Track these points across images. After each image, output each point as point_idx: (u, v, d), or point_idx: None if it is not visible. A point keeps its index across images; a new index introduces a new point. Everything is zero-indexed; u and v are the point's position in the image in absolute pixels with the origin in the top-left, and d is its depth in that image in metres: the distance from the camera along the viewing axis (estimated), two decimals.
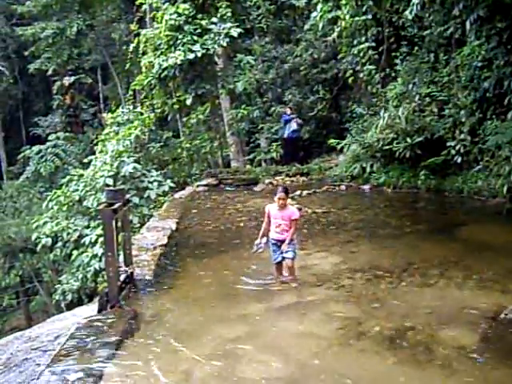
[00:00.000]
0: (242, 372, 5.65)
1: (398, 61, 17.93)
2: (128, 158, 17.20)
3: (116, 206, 7.61)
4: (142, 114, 20.21)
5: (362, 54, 18.46)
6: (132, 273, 8.45)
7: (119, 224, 8.08)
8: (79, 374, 5.45)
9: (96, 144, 20.67)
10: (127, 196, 8.88)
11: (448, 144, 14.90)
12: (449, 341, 6.13)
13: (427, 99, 16.17)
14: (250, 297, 7.99)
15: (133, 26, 22.44)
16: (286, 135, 21.32)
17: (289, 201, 8.82)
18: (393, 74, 18.29)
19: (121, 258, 8.29)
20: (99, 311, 7.34)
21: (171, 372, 5.66)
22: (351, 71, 19.39)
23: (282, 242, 8.26)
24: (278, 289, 8.22)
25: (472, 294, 7.68)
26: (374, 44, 18.70)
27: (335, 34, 19.00)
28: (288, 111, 21.42)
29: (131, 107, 20.98)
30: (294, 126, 21.19)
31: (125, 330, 6.65)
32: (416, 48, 17.57)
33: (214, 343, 6.32)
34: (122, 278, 7.94)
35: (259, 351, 6.13)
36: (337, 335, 6.49)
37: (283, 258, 8.35)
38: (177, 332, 6.71)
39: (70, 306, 16.36)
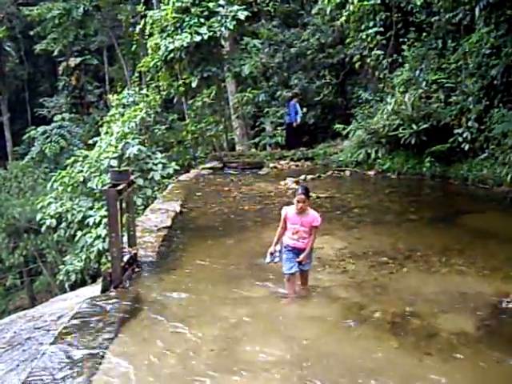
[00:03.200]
0: (242, 354, 5.68)
1: (405, 47, 17.84)
2: (133, 139, 17.22)
3: (121, 186, 7.63)
4: (147, 96, 20.18)
5: (369, 39, 18.40)
6: (136, 254, 8.48)
7: (123, 205, 8.11)
8: (83, 352, 5.49)
9: (101, 125, 20.67)
10: (132, 177, 8.87)
11: (455, 131, 14.86)
12: (450, 327, 6.15)
13: (434, 86, 16.11)
14: (254, 280, 7.96)
15: (139, 8, 22.34)
16: (290, 120, 21.35)
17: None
18: (400, 60, 18.22)
19: (124, 239, 8.33)
20: (103, 291, 7.36)
21: (172, 352, 5.68)
22: (358, 56, 19.30)
23: (299, 249, 7.08)
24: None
25: (474, 281, 7.69)
26: (382, 29, 18.61)
27: (343, 19, 18.90)
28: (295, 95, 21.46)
29: (137, 89, 20.95)
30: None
31: (128, 310, 6.69)
32: (424, 34, 17.49)
33: (215, 325, 6.34)
34: (125, 258, 7.96)
35: (261, 334, 6.16)
36: (339, 319, 6.52)
37: (300, 270, 7.21)
38: (179, 313, 6.74)
39: (74, 286, 16.45)
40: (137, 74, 22.55)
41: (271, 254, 7.20)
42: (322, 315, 6.64)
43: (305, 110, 22.34)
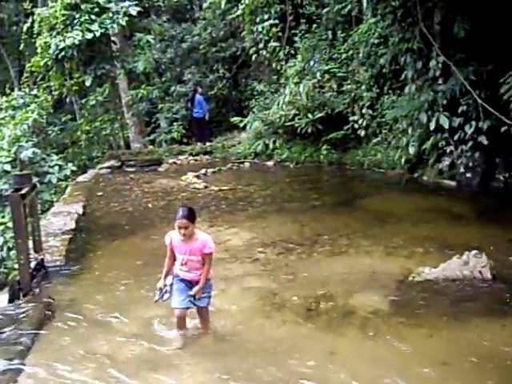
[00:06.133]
0: (164, 351, 5.68)
1: (297, 38, 18.24)
2: (26, 142, 16.59)
3: (24, 190, 7.40)
4: (37, 96, 19.53)
5: (265, 32, 18.65)
6: (43, 259, 8.27)
7: (27, 210, 7.87)
8: None
9: None
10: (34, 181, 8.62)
11: (351, 119, 15.39)
12: (364, 306, 6.42)
13: (327, 76, 16.61)
14: None
15: (26, 5, 21.54)
16: (200, 114, 21.15)
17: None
18: (293, 52, 18.60)
19: (30, 245, 8.09)
20: (11, 301, 7.13)
21: (94, 356, 5.62)
22: (254, 49, 19.51)
23: (192, 281, 5.84)
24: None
25: (380, 260, 8.04)
26: (277, 21, 18.91)
27: (239, 12, 19.07)
28: (199, 89, 21.30)
29: (27, 90, 20.22)
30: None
31: (41, 317, 6.51)
32: (314, 26, 17.95)
33: (134, 324, 6.31)
34: (32, 265, 7.75)
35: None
36: (256, 308, 6.65)
37: (194, 305, 5.92)
38: (95, 316, 6.64)
39: None
40: (26, 75, 21.72)
41: (160, 289, 5.92)
42: (240, 305, 6.73)
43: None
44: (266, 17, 18.62)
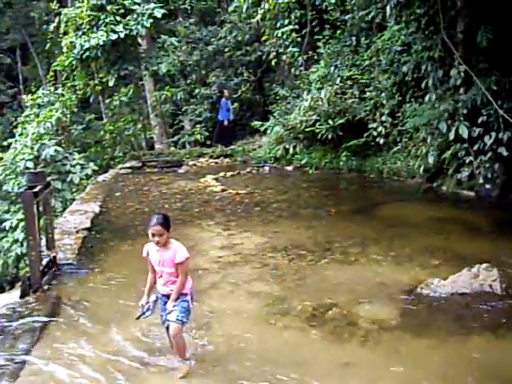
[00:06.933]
0: (167, 353, 5.70)
1: (320, 44, 18.24)
2: (49, 140, 16.78)
3: (37, 188, 7.48)
4: (63, 95, 19.76)
5: (285, 37, 18.70)
6: (55, 257, 8.34)
7: (40, 208, 7.96)
8: (1, 360, 5.38)
9: (16, 127, 20.11)
10: (48, 179, 8.70)
11: (370, 126, 15.33)
12: (369, 316, 6.36)
13: (349, 82, 16.58)
14: None
15: (53, 5, 21.82)
16: (225, 117, 21.25)
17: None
18: (315, 57, 18.59)
19: (43, 242, 8.18)
20: (21, 296, 7.21)
21: (98, 355, 5.65)
22: (275, 53, 19.56)
23: (169, 296, 5.46)
24: (205, 268, 8.24)
25: (391, 270, 7.96)
26: (297, 27, 18.94)
27: (259, 17, 19.14)
28: (226, 93, 21.39)
29: (52, 89, 20.46)
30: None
31: (48, 314, 6.58)
32: (338, 32, 17.94)
33: (140, 326, 6.29)
34: (44, 262, 7.83)
35: (186, 331, 6.17)
36: (262, 313, 6.63)
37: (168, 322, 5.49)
38: (102, 315, 6.69)
39: None
40: (52, 74, 21.99)
41: (142, 306, 5.54)
42: (245, 309, 6.73)
43: (236, 104, 22.49)
44: (286, 22, 18.67)
